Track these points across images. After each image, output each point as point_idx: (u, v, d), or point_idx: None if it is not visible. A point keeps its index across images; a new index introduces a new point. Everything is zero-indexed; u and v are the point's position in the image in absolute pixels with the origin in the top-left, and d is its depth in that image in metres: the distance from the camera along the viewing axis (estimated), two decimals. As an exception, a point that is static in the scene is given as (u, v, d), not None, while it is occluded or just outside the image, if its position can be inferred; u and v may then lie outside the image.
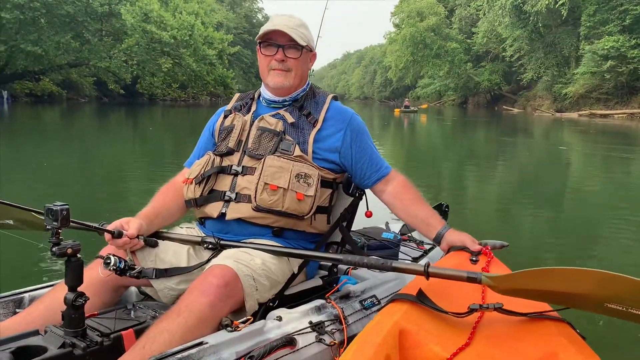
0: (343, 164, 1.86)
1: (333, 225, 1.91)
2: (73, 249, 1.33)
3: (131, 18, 30.83)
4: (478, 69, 55.13)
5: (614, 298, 1.17)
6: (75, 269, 1.35)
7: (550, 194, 7.46)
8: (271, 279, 1.68)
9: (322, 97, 1.92)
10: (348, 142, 1.84)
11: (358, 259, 1.66)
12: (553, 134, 21.54)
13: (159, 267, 1.70)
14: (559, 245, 4.72)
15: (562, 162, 11.93)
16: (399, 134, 21.60)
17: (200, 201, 1.79)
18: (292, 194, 1.68)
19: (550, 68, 40.82)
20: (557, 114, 37.12)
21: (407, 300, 1.42)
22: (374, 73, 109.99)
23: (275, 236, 1.78)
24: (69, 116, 24.45)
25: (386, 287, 1.95)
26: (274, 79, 1.83)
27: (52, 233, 1.33)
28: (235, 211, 1.73)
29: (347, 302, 1.77)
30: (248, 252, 1.67)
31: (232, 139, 1.81)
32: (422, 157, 13.03)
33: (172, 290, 1.70)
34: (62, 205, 1.33)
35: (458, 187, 8.21)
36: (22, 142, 12.04)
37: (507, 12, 40.49)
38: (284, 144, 1.76)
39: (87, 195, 6.15)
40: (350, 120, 1.88)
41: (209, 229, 1.83)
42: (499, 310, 1.33)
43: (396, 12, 60.26)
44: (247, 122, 1.84)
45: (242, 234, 1.77)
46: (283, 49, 1.80)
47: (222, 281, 1.50)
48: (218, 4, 59.87)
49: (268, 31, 1.80)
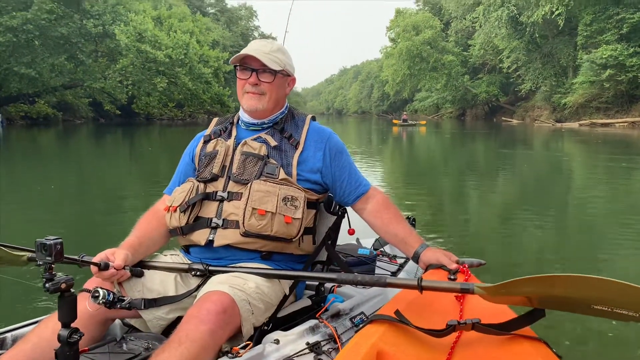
0: (325, 184, 1.88)
1: (319, 245, 1.92)
2: (67, 283, 1.29)
3: (125, 38, 30.62)
4: (475, 81, 55.19)
5: (600, 300, 1.23)
6: (69, 304, 1.30)
7: (552, 204, 7.41)
8: (265, 302, 1.67)
9: (302, 119, 1.94)
10: (328, 161, 1.86)
11: (352, 277, 1.62)
12: (554, 145, 21.33)
13: (146, 297, 1.66)
14: (560, 255, 4.74)
15: (564, 172, 11.83)
16: (397, 148, 21.44)
17: (186, 229, 1.77)
18: (280, 217, 1.68)
19: (549, 78, 40.65)
20: (557, 124, 36.84)
21: (386, 320, 1.43)
22: (371, 87, 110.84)
23: (264, 260, 1.77)
24: (63, 138, 24.23)
25: (372, 302, 2.00)
26: (248, 101, 1.84)
27: (45, 268, 1.28)
28: (223, 237, 1.71)
29: (338, 320, 1.80)
30: (240, 277, 1.65)
31: (216, 164, 1.80)
32: (422, 170, 12.97)
33: (162, 320, 1.68)
34: (55, 239, 1.28)
35: (458, 200, 8.18)
36: (15, 165, 11.94)
37: (503, 23, 40.38)
38: (268, 168, 1.76)
39: (81, 222, 5.94)
40: (329, 140, 1.89)
41: (195, 256, 1.80)
42: (477, 325, 1.35)
43: (392, 26, 60.40)
44: (230, 147, 1.84)
45: (231, 259, 1.75)
46: (257, 73, 1.82)
47: (220, 307, 1.47)
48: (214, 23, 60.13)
49: (242, 55, 1.82)
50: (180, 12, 39.69)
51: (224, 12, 75.14)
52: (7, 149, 17.02)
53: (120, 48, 31.29)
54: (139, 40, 31.44)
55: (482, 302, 1.44)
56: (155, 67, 33.39)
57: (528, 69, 42.64)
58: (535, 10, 37.11)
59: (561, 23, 35.86)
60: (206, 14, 66.79)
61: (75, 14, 29.61)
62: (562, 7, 34.66)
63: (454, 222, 6.35)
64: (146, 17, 32.88)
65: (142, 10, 34.23)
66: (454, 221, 6.44)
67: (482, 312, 1.42)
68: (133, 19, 31.51)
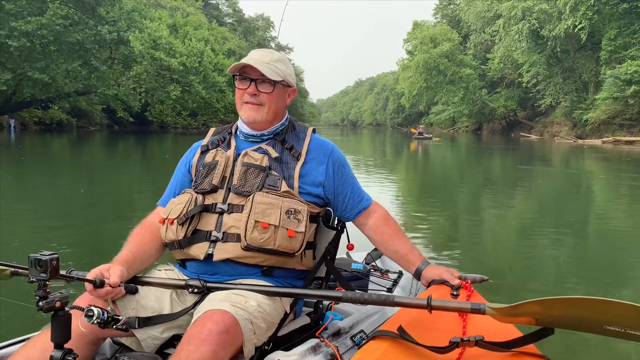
0: (326, 197, 1.84)
1: (319, 261, 1.87)
2: (62, 301, 1.22)
3: (139, 45, 30.34)
4: (493, 95, 54.30)
5: (613, 321, 1.24)
6: (63, 323, 1.24)
7: (571, 223, 7.16)
8: (267, 321, 1.61)
9: (303, 130, 1.89)
10: (331, 175, 1.83)
11: (359, 295, 1.59)
12: (575, 161, 20.71)
13: (140, 314, 1.58)
14: (579, 276, 4.66)
15: (585, 190, 11.56)
16: (412, 161, 21.05)
17: (184, 243, 1.70)
18: (283, 231, 1.63)
19: (570, 93, 39.58)
20: (578, 140, 35.81)
21: (388, 337, 1.42)
22: (386, 100, 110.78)
23: (265, 275, 1.71)
24: (76, 145, 23.94)
25: (371, 320, 1.97)
26: (246, 112, 1.80)
27: (39, 285, 1.22)
28: (224, 251, 1.65)
29: (338, 339, 1.77)
30: (241, 294, 1.58)
31: (216, 175, 1.74)
32: (440, 184, 12.77)
33: (156, 339, 1.60)
34: (51, 255, 1.22)
35: (474, 215, 8.02)
36: (24, 172, 11.72)
37: (523, 37, 39.40)
38: (270, 180, 1.71)
39: (86, 234, 5.63)
40: (332, 154, 1.86)
41: (192, 271, 1.74)
42: (480, 343, 1.34)
43: (409, 38, 59.94)
44: (230, 157, 1.79)
45: (230, 274, 1.69)
46: (256, 83, 1.78)
47: (222, 327, 1.40)
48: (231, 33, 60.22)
49: (241, 65, 1.78)
50: (196, 20, 39.48)
51: (241, 22, 75.52)
52: (15, 155, 16.67)
53: (135, 55, 30.98)
54: (154, 47, 31.14)
55: (486, 318, 1.42)
56: (169, 74, 33.05)
57: (548, 84, 41.61)
58: (558, 24, 36.21)
59: (584, 37, 34.90)
60: (223, 23, 67.08)
61: (90, 19, 29.39)
62: (586, 21, 33.76)
63: (468, 238, 6.25)
64: (161, 25, 32.64)
65: (157, 18, 34.04)
66: (468, 237, 6.33)
67: (486, 328, 1.42)
68: (148, 26, 31.25)
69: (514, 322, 1.43)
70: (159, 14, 35.64)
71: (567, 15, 34.80)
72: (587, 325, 1.31)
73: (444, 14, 72.51)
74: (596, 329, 1.29)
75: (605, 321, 1.24)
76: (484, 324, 1.45)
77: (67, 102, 31.81)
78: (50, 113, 33.95)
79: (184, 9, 47.12)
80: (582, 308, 1.24)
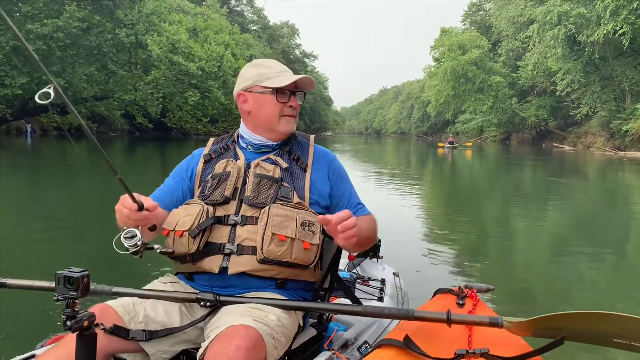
0: (331, 208, 1.83)
1: (326, 272, 1.86)
2: (89, 320, 1.17)
3: (158, 49, 29.44)
4: (524, 103, 52.24)
5: (619, 334, 1.30)
6: (89, 343, 1.20)
7: (608, 239, 6.85)
8: (286, 335, 1.56)
9: (305, 140, 1.90)
10: (337, 185, 1.84)
11: (379, 309, 1.62)
12: (614, 175, 19.34)
13: (149, 328, 1.52)
14: (609, 293, 4.47)
15: (624, 206, 10.98)
16: (441, 171, 20.30)
17: (197, 256, 1.65)
18: (299, 243, 1.62)
19: (607, 102, 37.35)
20: (619, 152, 33.64)
21: (394, 346, 1.43)
22: (411, 108, 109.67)
23: (279, 288, 1.68)
24: (95, 150, 22.90)
25: (372, 330, 1.99)
26: (286, 125, 1.80)
27: (67, 304, 1.16)
28: (239, 264, 1.61)
29: (347, 351, 1.78)
30: (259, 308, 1.53)
31: (229, 187, 1.71)
32: (465, 194, 12.70)
33: (166, 353, 1.56)
34: (81, 272, 1.18)
35: (510, 228, 7.90)
36: (39, 178, 11.63)
37: (559, 43, 37.33)
38: (282, 191, 1.70)
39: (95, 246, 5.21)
40: (332, 163, 1.88)
41: (202, 284, 1.69)
42: (485, 356, 1.35)
43: (436, 45, 58.30)
44: (241, 168, 1.76)
45: (244, 287, 1.65)
46: (294, 95, 1.81)
47: (250, 344, 1.35)
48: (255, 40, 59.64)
49: (295, 81, 1.78)
50: (216, 24, 38.53)
51: (265, 29, 75.13)
52: (29, 161, 16.12)
53: (152, 59, 30.08)
54: (172, 51, 30.19)
55: (492, 329, 1.43)
56: (187, 79, 32.04)
57: (585, 92, 39.38)
58: (596, 29, 34.16)
59: (625, 43, 32.77)
60: (248, 30, 66.63)
61: (108, 22, 28.64)
62: (627, 26, 31.64)
63: (496, 250, 6.22)
64: (180, 28, 31.70)
65: (177, 21, 33.13)
66: (496, 249, 6.29)
67: (492, 339, 1.45)
68: (167, 29, 30.33)
69: (528, 335, 1.43)
70: (180, 17, 34.78)
71: (606, 20, 32.71)
72: (597, 337, 1.35)
73: (472, 21, 70.74)
74: (604, 341, 1.34)
75: (613, 334, 1.30)
76: (490, 334, 1.45)
77: (84, 107, 31.03)
78: (69, 118, 33.29)
79: (208, 15, 46.48)
80: (595, 321, 1.30)
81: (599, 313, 1.28)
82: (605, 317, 1.28)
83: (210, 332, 1.44)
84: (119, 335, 1.43)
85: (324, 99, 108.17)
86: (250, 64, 1.88)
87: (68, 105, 1.28)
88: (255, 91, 1.77)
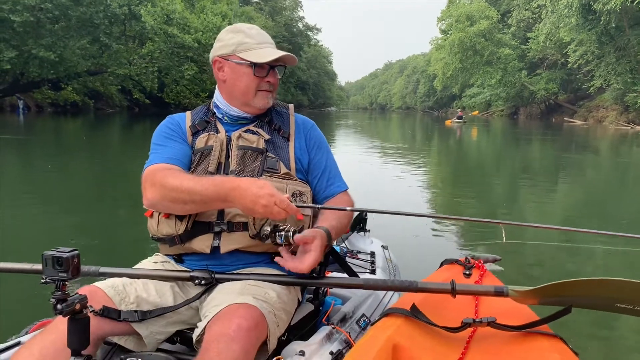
0: (312, 176, 1.77)
1: None
2: (81, 303, 1.12)
3: (152, 20, 28.13)
4: (533, 77, 50.68)
5: (624, 299, 1.33)
6: (82, 327, 1.14)
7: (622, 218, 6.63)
8: (286, 311, 1.55)
9: (284, 109, 1.83)
10: (313, 154, 1.77)
11: (381, 282, 1.57)
12: (629, 149, 18.56)
13: (141, 308, 1.48)
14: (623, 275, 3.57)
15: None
16: (448, 147, 19.49)
17: (185, 237, 1.58)
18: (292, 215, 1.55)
19: (623, 75, 35.83)
20: (637, 127, 32.33)
21: (401, 315, 1.44)
22: (417, 82, 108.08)
23: (274, 262, 1.60)
24: (91, 128, 22.22)
25: (368, 303, 1.99)
26: (262, 100, 1.73)
27: (57, 286, 1.11)
28: (231, 242, 1.57)
29: (346, 324, 1.78)
30: (257, 285, 1.49)
31: (212, 162, 1.64)
32: (484, 170, 12.29)
33: (159, 334, 1.51)
34: (71, 252, 1.12)
35: (524, 205, 7.67)
36: (29, 157, 11.23)
37: (573, 11, 35.69)
38: (269, 162, 1.64)
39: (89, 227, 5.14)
40: (310, 131, 1.80)
41: (193, 264, 1.62)
42: (492, 324, 1.37)
43: (443, 16, 56.42)
44: (223, 141, 1.67)
45: (237, 264, 1.60)
46: (274, 69, 1.73)
47: (252, 323, 1.33)
48: (257, 13, 58.01)
49: (277, 56, 1.67)
50: (214, -6, 37.07)
51: (267, 1, 73.15)
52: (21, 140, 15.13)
53: (147, 31, 28.79)
54: (166, 22, 28.86)
55: (500, 299, 1.45)
56: (183, 52, 30.77)
57: (599, 64, 37.83)
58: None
59: (644, 11, 31.21)
60: (249, 2, 64.87)
61: (99, -8, 27.36)
62: (647, -8, 30.09)
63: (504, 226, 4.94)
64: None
65: (172, -10, 31.74)
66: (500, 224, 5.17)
67: (498, 308, 1.45)
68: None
69: (534, 303, 1.44)
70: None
71: (625, -14, 31.14)
72: (602, 303, 1.38)
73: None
74: (609, 306, 1.37)
75: (618, 299, 1.33)
76: (497, 303, 1.46)
77: (77, 82, 29.90)
78: (63, 94, 32.18)
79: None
80: (600, 287, 1.32)
81: (604, 279, 1.29)
82: (610, 283, 1.29)
83: (207, 311, 1.39)
84: (109, 317, 1.38)
85: (328, 74, 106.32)
86: (229, 28, 1.75)
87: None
88: (232, 60, 1.68)
